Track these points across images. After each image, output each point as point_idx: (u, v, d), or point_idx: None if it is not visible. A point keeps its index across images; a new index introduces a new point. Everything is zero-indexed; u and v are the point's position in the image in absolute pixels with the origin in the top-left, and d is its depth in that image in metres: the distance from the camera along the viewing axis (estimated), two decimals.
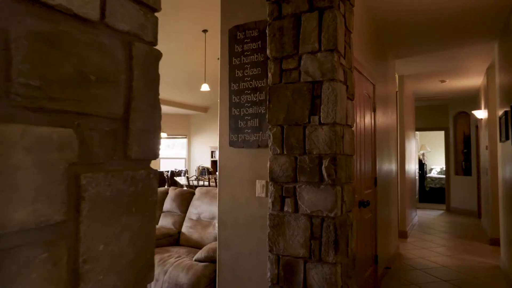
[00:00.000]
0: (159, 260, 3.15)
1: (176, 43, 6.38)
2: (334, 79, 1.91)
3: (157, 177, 0.74)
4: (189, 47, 6.54)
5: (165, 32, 5.81)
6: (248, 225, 2.49)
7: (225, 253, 2.57)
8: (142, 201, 0.69)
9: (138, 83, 0.69)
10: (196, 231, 3.71)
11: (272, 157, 2.06)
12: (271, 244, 2.03)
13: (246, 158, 2.53)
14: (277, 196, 2.03)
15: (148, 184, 0.71)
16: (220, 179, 2.64)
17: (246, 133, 2.52)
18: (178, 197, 4.06)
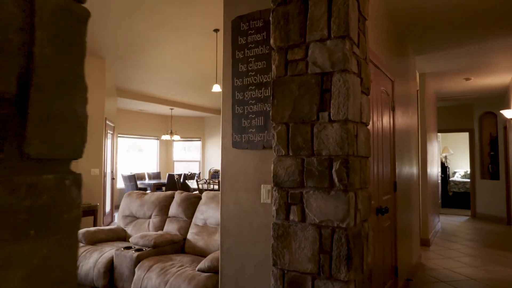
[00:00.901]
0: (160, 269, 2.96)
1: (186, 43, 6.23)
2: (346, 69, 1.67)
3: (78, 184, 0.53)
4: (200, 47, 6.38)
5: (175, 32, 5.66)
6: (253, 234, 2.26)
7: (228, 264, 2.35)
8: (48, 220, 0.48)
9: (42, 50, 0.48)
10: (201, 238, 3.50)
11: (277, 159, 1.83)
12: (275, 257, 1.79)
13: (250, 160, 2.31)
14: (282, 203, 1.80)
15: (61, 195, 0.50)
16: (222, 183, 2.43)
17: (250, 133, 2.30)
18: (184, 202, 3.87)
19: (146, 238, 3.40)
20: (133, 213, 4.22)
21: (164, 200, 4.09)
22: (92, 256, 3.45)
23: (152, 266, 3.03)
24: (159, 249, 3.36)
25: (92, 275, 3.33)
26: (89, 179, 6.44)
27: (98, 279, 3.28)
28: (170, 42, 6.13)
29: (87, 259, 3.46)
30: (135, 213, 4.21)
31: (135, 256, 3.17)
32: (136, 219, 4.20)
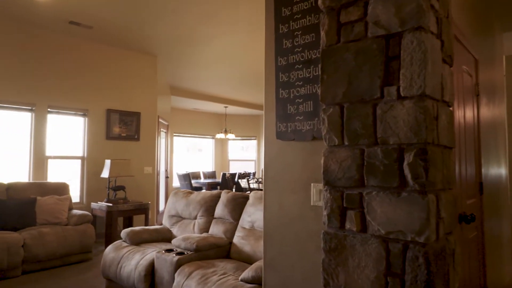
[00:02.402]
0: (201, 277, 2.67)
1: (238, 37, 5.97)
2: (421, 27, 1.23)
3: None
4: (253, 41, 6.09)
5: (226, 25, 5.43)
6: (301, 242, 1.88)
7: (272, 277, 1.99)
8: None
9: None
10: (248, 242, 3.18)
11: (328, 150, 1.43)
12: (327, 276, 1.39)
13: (297, 154, 1.93)
14: (335, 207, 1.39)
15: None
16: (265, 181, 2.07)
17: (297, 121, 1.91)
18: (231, 202, 3.57)
19: (188, 240, 3.14)
20: (179, 213, 4.02)
21: (210, 200, 3.83)
22: (134, 258, 3.28)
23: (193, 273, 2.76)
24: (201, 253, 3.09)
25: (133, 278, 3.15)
26: (141, 178, 6.45)
27: (139, 282, 3.09)
28: (221, 36, 5.92)
29: (129, 260, 3.29)
30: (180, 213, 4.01)
31: (175, 260, 2.92)
32: (182, 219, 3.99)
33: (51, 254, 4.24)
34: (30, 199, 4.57)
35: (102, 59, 6.05)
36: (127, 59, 6.38)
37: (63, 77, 5.59)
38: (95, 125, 5.92)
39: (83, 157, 5.85)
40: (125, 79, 6.34)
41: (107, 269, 3.49)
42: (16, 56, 5.17)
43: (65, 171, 5.93)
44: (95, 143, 5.91)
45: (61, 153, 5.70)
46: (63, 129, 5.86)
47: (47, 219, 4.54)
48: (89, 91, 5.87)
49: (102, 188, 5.83)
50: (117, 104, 6.20)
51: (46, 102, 5.42)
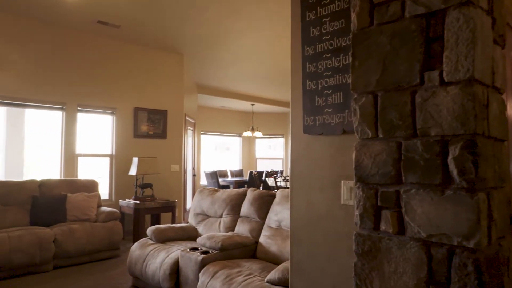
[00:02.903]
0: (225, 277, 2.59)
1: (264, 33, 5.87)
2: (470, 1, 1.07)
3: None
4: (280, 37, 5.96)
5: (252, 21, 5.34)
6: (330, 244, 1.75)
7: (299, 281, 1.87)
8: None
9: None
10: (274, 242, 3.07)
11: (360, 143, 1.30)
12: (359, 282, 1.27)
13: (326, 149, 1.80)
14: (368, 207, 1.26)
15: None
16: (292, 178, 1.96)
17: (326, 113, 1.79)
18: (257, 201, 3.48)
19: (213, 239, 3.08)
20: (204, 211, 3.97)
21: (236, 198, 3.75)
22: (159, 256, 3.25)
23: (217, 273, 2.68)
24: (226, 252, 3.01)
25: (158, 276, 3.12)
26: (168, 175, 6.47)
27: (164, 281, 3.06)
28: (246, 32, 5.83)
29: (154, 258, 3.26)
30: (206, 211, 3.95)
31: (200, 260, 2.86)
32: (208, 217, 3.94)
33: (80, 250, 4.30)
34: (61, 195, 4.66)
35: (129, 58, 6.11)
36: (154, 57, 6.42)
37: (92, 76, 5.68)
38: (123, 123, 5.99)
39: (112, 155, 5.93)
40: (152, 77, 6.38)
41: (133, 267, 3.48)
42: (47, 57, 5.29)
43: (95, 168, 6.04)
44: (123, 141, 5.98)
45: (90, 151, 5.81)
46: (92, 127, 5.97)
47: (76, 216, 4.61)
48: (117, 90, 5.95)
49: (130, 186, 5.89)
50: (145, 102, 6.25)
51: (75, 101, 5.52)
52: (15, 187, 4.52)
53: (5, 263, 3.81)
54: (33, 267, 4.02)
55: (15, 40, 5.04)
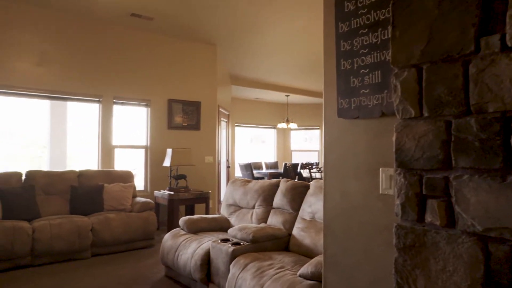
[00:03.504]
0: (256, 270, 2.50)
1: (298, 22, 5.69)
2: None
3: None
4: (314, 25, 5.75)
5: (285, 9, 5.17)
6: (367, 237, 1.61)
7: (333, 276, 1.74)
8: None
9: None
10: (308, 235, 2.94)
11: (401, 124, 1.14)
12: (400, 280, 1.12)
13: (362, 134, 1.65)
14: (411, 195, 1.11)
15: None
16: (325, 167, 1.82)
17: (362, 95, 1.63)
18: (290, 192, 3.36)
19: (245, 231, 3.00)
20: (237, 202, 3.90)
21: (268, 189, 3.65)
22: (190, 246, 3.22)
23: (248, 265, 2.60)
24: (258, 244, 2.92)
25: (189, 267, 3.09)
26: (202, 167, 6.48)
27: (195, 271, 3.02)
28: (280, 22, 5.68)
29: (186, 249, 3.24)
30: (238, 202, 3.89)
31: (231, 251, 2.79)
32: (240, 208, 3.87)
33: (116, 239, 4.39)
34: (98, 186, 4.78)
35: (163, 50, 6.14)
36: (187, 49, 6.42)
37: (127, 69, 5.77)
38: (157, 115, 6.05)
39: (147, 146, 6.02)
40: (186, 69, 6.39)
41: (165, 257, 3.48)
42: (84, 51, 5.42)
43: (131, 160, 6.16)
44: (158, 133, 6.04)
45: (126, 142, 5.92)
46: (127, 119, 6.08)
47: (113, 206, 4.71)
48: (151, 82, 6.00)
49: (165, 177, 5.95)
50: (178, 94, 6.27)
51: (111, 94, 5.63)
52: (56, 177, 4.67)
53: (47, 249, 3.95)
54: (72, 254, 4.15)
55: (54, 36, 5.19)
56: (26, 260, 3.91)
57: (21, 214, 4.12)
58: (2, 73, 4.83)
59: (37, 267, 3.93)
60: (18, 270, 3.82)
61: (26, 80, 5.00)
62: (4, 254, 3.76)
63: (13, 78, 4.91)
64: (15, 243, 3.80)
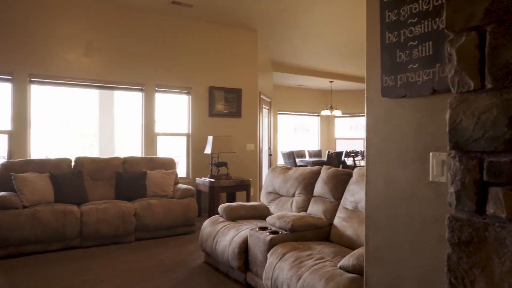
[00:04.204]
0: (294, 260, 2.40)
1: (341, 4, 5.41)
2: None
3: None
4: (358, 7, 5.44)
5: None
6: (415, 230, 1.44)
7: (376, 271, 1.60)
8: None
9: None
10: (350, 225, 2.79)
11: (457, 99, 0.97)
12: (454, 280, 0.97)
13: (410, 115, 1.48)
14: (468, 182, 0.94)
15: None
16: (368, 152, 1.67)
17: (410, 70, 1.45)
18: (332, 179, 3.20)
19: (284, 219, 2.90)
20: (276, 189, 3.81)
21: (309, 176, 3.52)
22: (229, 234, 3.18)
23: (286, 254, 2.50)
24: (297, 234, 2.81)
25: (227, 254, 3.06)
26: (244, 154, 6.44)
27: (232, 259, 2.98)
28: (323, 4, 5.43)
29: (224, 236, 3.21)
30: (278, 190, 3.79)
31: (268, 240, 2.71)
32: (280, 196, 3.77)
33: (158, 224, 4.48)
34: (141, 172, 4.89)
35: (203, 37, 6.12)
36: (227, 35, 6.35)
37: (168, 57, 5.82)
38: (198, 103, 6.07)
39: (188, 134, 6.07)
40: (226, 56, 6.34)
41: (204, 243, 3.48)
42: (125, 40, 5.52)
43: (173, 147, 6.26)
44: (199, 120, 6.07)
45: (168, 130, 6.01)
46: (170, 107, 6.16)
47: (155, 192, 4.80)
48: (192, 70, 6.02)
49: (206, 164, 5.99)
50: (219, 81, 6.25)
51: (154, 82, 5.71)
52: (102, 163, 4.84)
53: (94, 232, 4.11)
54: (117, 238, 4.29)
55: (98, 27, 5.34)
56: (75, 241, 4.11)
57: (71, 198, 4.31)
58: (53, 64, 5.05)
59: (85, 248, 4.11)
60: (68, 251, 4.02)
61: (74, 71, 5.20)
62: (56, 235, 3.96)
63: (63, 69, 5.12)
64: (65, 226, 3.99)
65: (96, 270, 3.43)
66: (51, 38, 5.04)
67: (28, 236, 3.83)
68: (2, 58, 4.76)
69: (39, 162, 4.52)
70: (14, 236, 3.77)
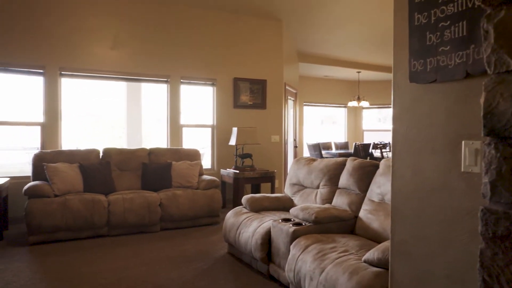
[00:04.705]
0: (318, 252, 2.35)
1: None
2: None
3: None
4: None
5: None
6: (445, 223, 1.36)
7: (402, 265, 1.53)
8: None
9: None
10: (376, 218, 2.70)
11: (493, 80, 0.89)
12: (488, 277, 0.89)
13: (441, 100, 1.39)
14: (505, 171, 0.86)
15: None
16: (394, 140, 1.59)
17: (441, 53, 1.36)
18: (357, 171, 3.11)
19: (307, 211, 2.84)
20: (300, 181, 3.75)
21: (334, 168, 3.44)
22: (252, 225, 3.16)
23: (309, 246, 2.46)
24: (321, 226, 2.76)
25: (250, 245, 3.04)
26: (268, 146, 6.40)
27: (255, 250, 2.96)
28: None
29: (247, 227, 3.19)
30: (302, 181, 3.73)
31: (291, 231, 2.66)
32: (304, 188, 3.71)
33: (183, 215, 4.53)
34: (167, 163, 4.95)
35: (228, 28, 6.09)
36: (252, 25, 6.29)
37: (192, 48, 5.83)
38: (223, 94, 6.06)
39: (213, 125, 6.09)
40: (251, 46, 6.28)
41: (228, 234, 3.48)
42: (150, 33, 5.57)
43: (198, 139, 6.30)
44: (223, 112, 6.07)
45: (193, 122, 6.04)
46: (194, 99, 6.19)
47: (180, 183, 4.85)
48: (217, 61, 6.01)
49: (231, 156, 5.99)
50: (244, 72, 6.21)
51: (178, 74, 5.75)
52: (128, 154, 4.93)
53: (121, 221, 4.21)
54: (143, 227, 4.37)
55: (125, 19, 5.41)
56: (103, 230, 4.22)
57: (99, 188, 4.43)
58: (81, 57, 5.17)
59: (112, 237, 4.21)
60: (97, 239, 4.13)
61: (102, 63, 5.30)
62: (86, 223, 4.08)
63: (91, 62, 5.23)
64: (94, 214, 4.10)
65: (122, 258, 3.51)
66: (79, 32, 5.15)
67: (60, 224, 3.96)
68: (35, 53, 4.91)
69: (69, 152, 4.66)
70: (46, 223, 3.91)
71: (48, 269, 3.25)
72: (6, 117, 4.97)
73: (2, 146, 5.03)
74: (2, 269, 3.21)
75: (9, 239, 4.13)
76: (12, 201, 4.67)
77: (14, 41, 4.80)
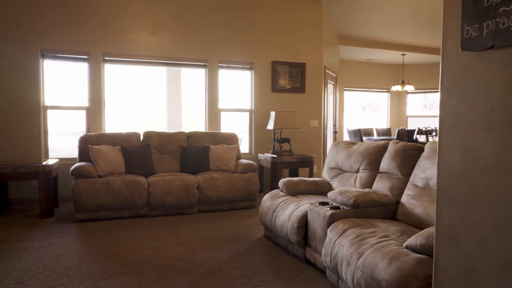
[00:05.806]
0: (356, 236, 2.26)
1: None
2: None
3: None
4: None
5: None
6: (501, 208, 1.23)
7: (448, 251, 1.41)
8: None
9: None
10: (420, 203, 2.55)
11: None
12: None
13: (498, 69, 1.24)
14: None
15: None
16: (442, 115, 1.46)
17: (501, 14, 1.21)
18: (400, 155, 2.95)
19: (345, 194, 2.74)
20: (339, 165, 3.63)
21: (374, 151, 3.29)
22: (288, 208, 3.11)
23: (347, 231, 2.36)
24: (360, 210, 2.65)
25: (286, 228, 2.99)
26: (307, 131, 6.28)
27: (291, 234, 2.91)
28: None
29: (283, 210, 3.14)
30: (341, 165, 3.61)
31: (329, 215, 2.58)
32: (343, 172, 3.59)
33: (220, 197, 4.56)
34: (205, 147, 4.99)
35: (265, 10, 5.97)
36: (291, 7, 6.12)
37: (230, 32, 5.78)
38: (261, 78, 5.99)
39: (251, 110, 6.05)
40: (289, 29, 6.13)
41: (264, 217, 3.45)
42: (189, 17, 5.57)
43: (236, 123, 6.29)
44: (261, 96, 6.01)
45: (231, 106, 6.03)
46: (233, 83, 6.17)
47: (217, 166, 4.88)
48: (255, 45, 5.92)
49: (269, 140, 5.94)
50: (282, 55, 6.09)
51: (216, 58, 5.73)
52: (168, 138, 5.03)
53: (160, 202, 4.31)
54: (181, 209, 4.46)
55: (162, 5, 5.45)
56: (143, 210, 4.35)
57: (140, 169, 4.55)
58: (123, 42, 5.29)
59: (152, 217, 4.33)
60: (137, 219, 4.27)
61: (142, 48, 5.39)
62: (127, 203, 4.22)
63: (132, 47, 5.34)
64: (134, 195, 4.23)
65: (161, 237, 3.60)
66: (120, 17, 5.26)
67: (103, 203, 4.13)
68: (79, 39, 5.08)
69: (112, 136, 4.82)
70: (91, 202, 4.09)
71: (93, 245, 3.40)
72: (56, 101, 5.22)
73: (53, 131, 5.30)
74: (53, 243, 3.41)
75: (59, 216, 4.37)
76: (61, 181, 4.95)
77: (59, 29, 4.99)
